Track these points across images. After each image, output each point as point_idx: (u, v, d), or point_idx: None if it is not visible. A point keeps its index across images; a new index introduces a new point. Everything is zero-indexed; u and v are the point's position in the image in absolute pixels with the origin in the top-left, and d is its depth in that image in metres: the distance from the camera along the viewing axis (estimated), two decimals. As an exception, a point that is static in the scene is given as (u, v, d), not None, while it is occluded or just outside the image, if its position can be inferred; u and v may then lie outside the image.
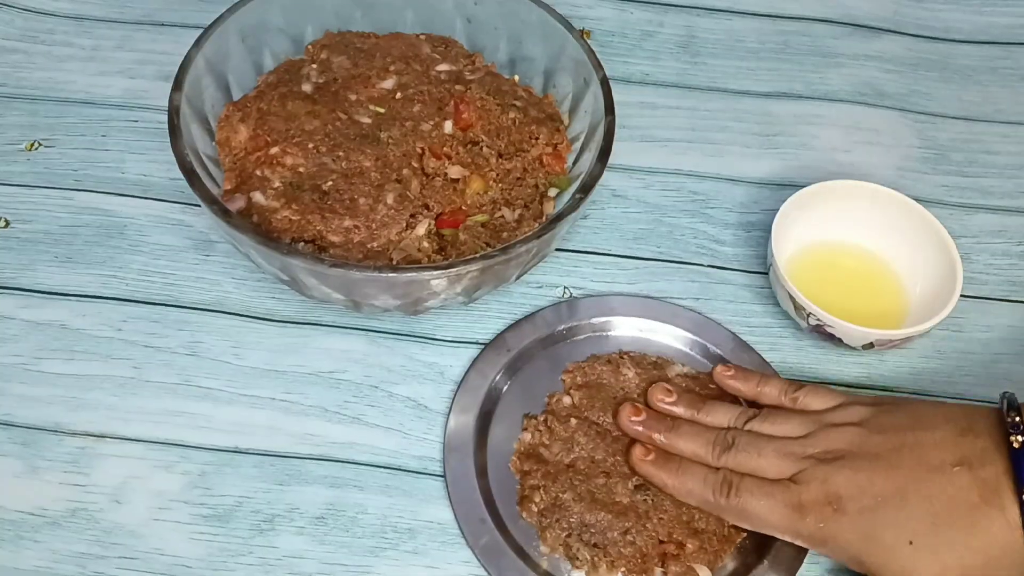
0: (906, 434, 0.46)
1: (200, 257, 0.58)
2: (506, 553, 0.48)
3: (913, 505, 0.44)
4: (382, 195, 0.54)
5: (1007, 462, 0.43)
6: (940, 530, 0.43)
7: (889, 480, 0.45)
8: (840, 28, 0.74)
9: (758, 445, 0.48)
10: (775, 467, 0.47)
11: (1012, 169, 0.67)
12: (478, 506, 0.49)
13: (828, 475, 0.46)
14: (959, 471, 0.44)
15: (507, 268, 0.51)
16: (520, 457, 0.51)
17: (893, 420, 0.47)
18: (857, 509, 0.44)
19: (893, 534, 0.44)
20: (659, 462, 0.49)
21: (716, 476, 0.48)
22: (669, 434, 0.50)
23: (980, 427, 0.45)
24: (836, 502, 0.45)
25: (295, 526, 0.49)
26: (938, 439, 0.45)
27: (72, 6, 0.71)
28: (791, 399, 0.51)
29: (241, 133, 0.56)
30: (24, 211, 0.60)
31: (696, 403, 0.51)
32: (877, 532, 0.44)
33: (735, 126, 0.68)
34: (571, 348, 0.56)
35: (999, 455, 0.44)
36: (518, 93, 0.61)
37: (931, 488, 0.44)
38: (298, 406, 0.53)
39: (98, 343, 0.54)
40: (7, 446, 0.51)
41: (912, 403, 0.50)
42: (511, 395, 0.54)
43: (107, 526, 0.48)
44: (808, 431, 0.48)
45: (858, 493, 0.45)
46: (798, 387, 0.51)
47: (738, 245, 0.62)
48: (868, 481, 0.45)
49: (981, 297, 0.60)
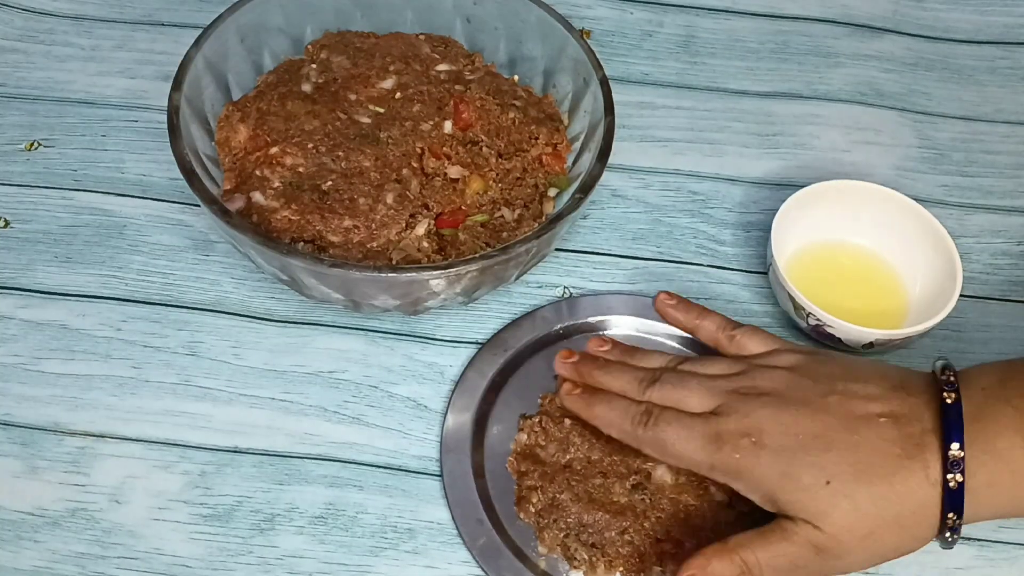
0: (836, 383, 0.46)
1: (199, 257, 0.58)
2: (504, 554, 0.48)
3: (836, 450, 0.43)
4: (382, 195, 0.54)
5: (935, 420, 0.43)
6: (860, 477, 0.42)
7: (814, 423, 0.44)
8: (840, 28, 0.74)
9: (683, 379, 0.48)
10: (698, 400, 0.47)
11: (1012, 169, 0.67)
12: (475, 507, 0.49)
13: (751, 409, 0.45)
14: (886, 423, 0.44)
15: (507, 268, 0.51)
16: (517, 458, 0.51)
17: (826, 369, 0.47)
18: (777, 445, 0.44)
19: (812, 474, 0.43)
20: (585, 395, 0.49)
21: (638, 407, 0.47)
22: (598, 371, 0.50)
23: (913, 385, 0.45)
24: (756, 435, 0.44)
25: (295, 526, 0.49)
26: (869, 392, 0.45)
27: (72, 6, 0.71)
28: (728, 336, 0.51)
29: (241, 133, 0.56)
30: (24, 211, 0.60)
31: (630, 351, 0.51)
32: (795, 470, 0.43)
33: (735, 126, 0.68)
34: (571, 346, 0.55)
35: (928, 413, 0.44)
36: (518, 93, 0.61)
37: (856, 436, 0.43)
38: (298, 406, 0.53)
39: (98, 343, 0.54)
40: (7, 446, 0.51)
41: (848, 356, 0.50)
42: (508, 395, 0.53)
43: (107, 526, 0.48)
44: (738, 371, 0.48)
45: (780, 430, 0.44)
46: (736, 325, 0.51)
47: (738, 245, 0.62)
48: (792, 420, 0.44)
49: (981, 297, 0.60)
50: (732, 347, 0.51)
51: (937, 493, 0.42)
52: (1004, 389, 0.44)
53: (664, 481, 0.50)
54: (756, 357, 0.49)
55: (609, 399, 0.49)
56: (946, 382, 0.44)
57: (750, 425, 0.45)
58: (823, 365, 0.47)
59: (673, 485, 0.50)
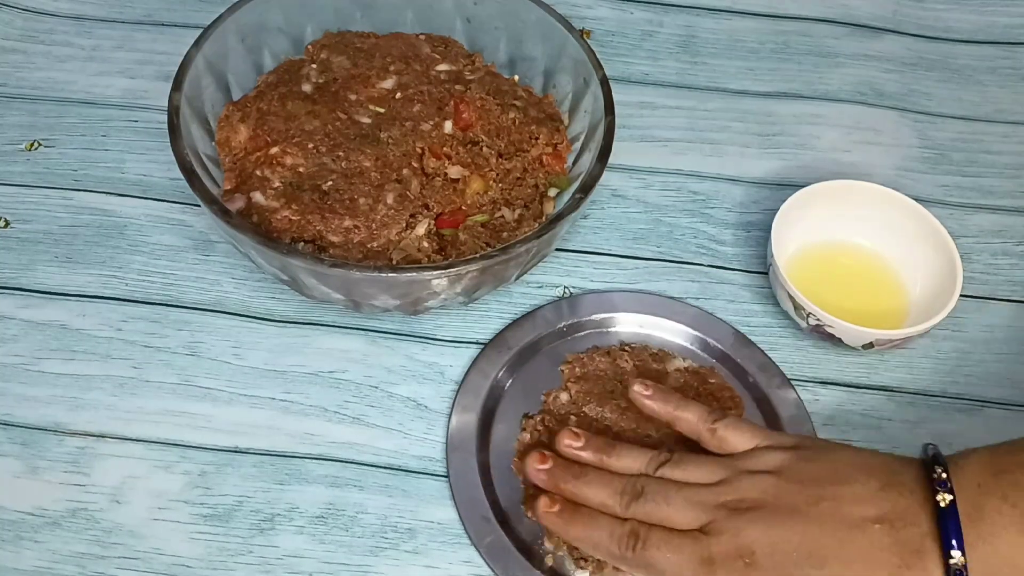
0: (825, 487, 0.43)
1: (200, 257, 0.58)
2: (511, 551, 0.48)
3: (830, 566, 0.41)
4: (382, 195, 0.54)
5: (931, 523, 0.41)
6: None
7: (806, 537, 0.42)
8: (840, 28, 0.74)
9: (667, 493, 0.45)
10: (685, 517, 0.44)
11: (1012, 169, 0.67)
12: (482, 505, 0.49)
13: (741, 527, 0.43)
14: (880, 529, 0.41)
15: (507, 268, 0.51)
16: (521, 458, 0.51)
17: (812, 470, 0.45)
18: (771, 565, 0.42)
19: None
20: (565, 514, 0.46)
21: (623, 528, 0.44)
22: (576, 483, 0.46)
23: (903, 481, 0.43)
24: (749, 556, 0.42)
25: (295, 526, 0.49)
26: (858, 493, 0.43)
27: (72, 6, 0.71)
28: (709, 430, 0.48)
29: (241, 133, 0.56)
30: (24, 211, 0.60)
31: (605, 448, 0.48)
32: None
33: (735, 126, 0.68)
34: (572, 345, 0.56)
35: (923, 514, 0.41)
36: (518, 93, 0.61)
37: (850, 549, 0.41)
38: (298, 406, 0.53)
39: (98, 343, 0.54)
40: (7, 446, 0.51)
41: (834, 450, 0.47)
42: (512, 394, 0.54)
43: (107, 526, 0.48)
44: (721, 477, 0.45)
45: (772, 549, 0.42)
46: (717, 418, 0.48)
47: (738, 245, 0.62)
48: (783, 537, 0.42)
49: (981, 297, 0.60)
50: (714, 442, 0.48)
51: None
52: (999, 484, 0.41)
53: None
54: (740, 458, 0.46)
55: (591, 519, 0.46)
56: (939, 480, 0.42)
57: (741, 545, 0.43)
58: (808, 463, 0.45)
59: None
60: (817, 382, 0.56)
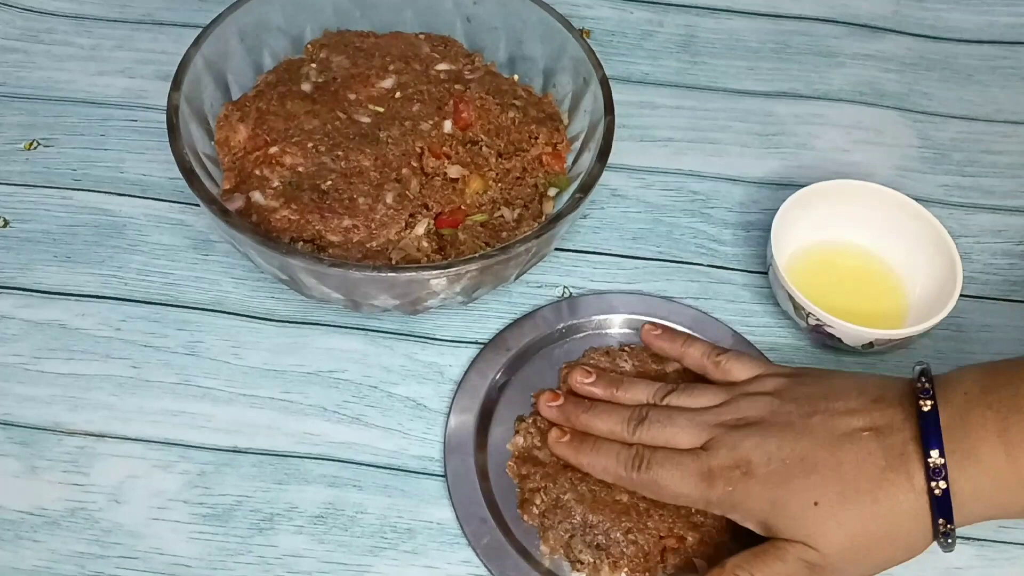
0: (818, 402, 0.46)
1: (199, 257, 0.58)
2: (508, 553, 0.48)
3: (820, 471, 0.44)
4: (381, 195, 0.54)
5: (915, 429, 0.43)
6: (847, 495, 0.43)
7: (798, 446, 0.45)
8: (840, 28, 0.74)
9: (671, 417, 0.48)
10: (687, 437, 0.47)
11: (1012, 169, 0.67)
12: (479, 506, 0.49)
13: (737, 441, 0.46)
14: (868, 437, 0.44)
15: (506, 268, 0.51)
16: (516, 462, 0.51)
17: (806, 389, 0.47)
18: (765, 473, 0.44)
19: (799, 499, 0.44)
20: (574, 443, 0.50)
21: (629, 451, 0.48)
22: (586, 415, 0.50)
23: (892, 396, 0.46)
24: (745, 466, 0.45)
25: (294, 525, 0.49)
26: (850, 407, 0.46)
27: (72, 6, 0.71)
28: (713, 362, 0.51)
29: (240, 133, 0.56)
30: (23, 211, 0.60)
31: (614, 382, 0.51)
32: (784, 496, 0.44)
33: (735, 126, 0.68)
34: (571, 346, 0.56)
35: (908, 422, 0.44)
36: (518, 93, 0.61)
37: (839, 454, 0.44)
38: (297, 406, 0.53)
39: (97, 343, 0.54)
40: (7, 446, 0.51)
41: (828, 373, 0.50)
42: (510, 395, 0.53)
43: (106, 526, 0.48)
44: (722, 400, 0.48)
45: (766, 458, 0.45)
46: (721, 351, 0.52)
47: (738, 245, 0.62)
48: (777, 447, 0.45)
49: (981, 297, 0.60)
50: (718, 373, 0.51)
51: (924, 501, 0.42)
52: (986, 395, 0.44)
53: None
54: (741, 384, 0.50)
55: (598, 445, 0.49)
56: (921, 389, 0.44)
57: (738, 457, 0.45)
58: (804, 386, 0.48)
59: None
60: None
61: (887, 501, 0.43)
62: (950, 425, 0.43)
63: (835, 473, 0.44)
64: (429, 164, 0.56)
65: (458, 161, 0.56)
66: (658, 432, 0.48)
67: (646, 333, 0.55)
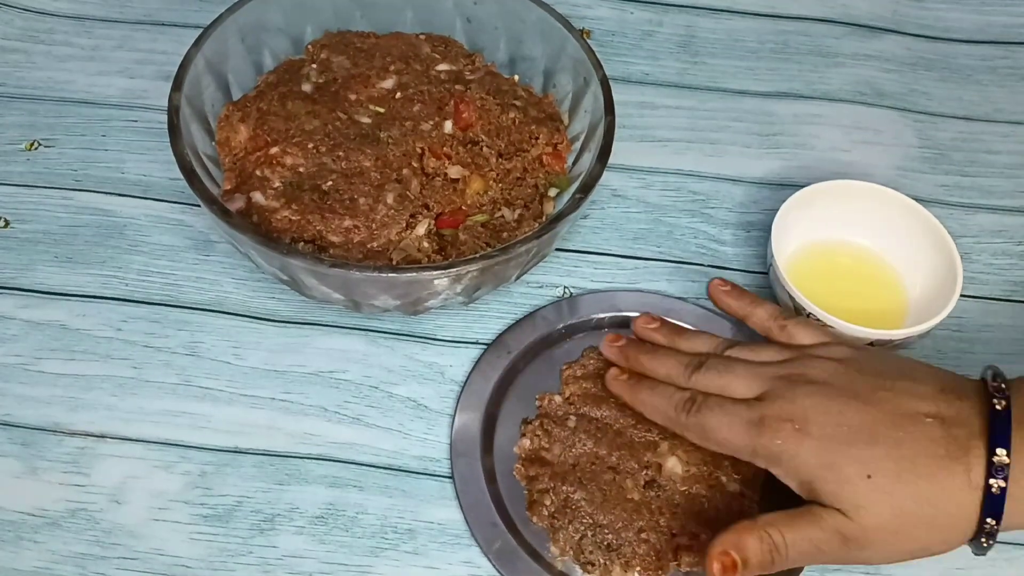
0: (887, 379, 0.45)
1: (200, 257, 0.58)
2: (520, 556, 0.48)
3: (880, 444, 0.43)
4: (382, 195, 0.54)
5: (983, 426, 0.43)
6: (902, 474, 0.42)
7: (861, 415, 0.44)
8: (840, 28, 0.74)
9: (729, 366, 0.48)
10: (743, 386, 0.46)
11: (1012, 169, 0.67)
12: (489, 510, 0.49)
13: (797, 396, 0.45)
14: (932, 423, 0.43)
15: (507, 268, 0.51)
16: (523, 464, 0.51)
17: (877, 364, 0.47)
18: (822, 434, 0.43)
19: (854, 467, 0.43)
20: (631, 381, 0.50)
21: (682, 394, 0.47)
22: (645, 356, 0.50)
23: (963, 389, 0.45)
24: (800, 422, 0.44)
25: (295, 526, 0.49)
26: (919, 391, 0.45)
27: (72, 6, 0.71)
28: (779, 325, 0.50)
29: (241, 133, 0.56)
30: (24, 211, 0.60)
31: (678, 331, 0.52)
32: (838, 461, 0.43)
33: (735, 126, 0.68)
34: (572, 345, 0.56)
35: (976, 418, 0.43)
36: (518, 93, 0.61)
37: (901, 433, 0.43)
38: (298, 406, 0.53)
39: (98, 343, 0.54)
40: (7, 446, 0.51)
41: (897, 356, 0.49)
42: (514, 396, 0.53)
43: (107, 526, 0.48)
44: (786, 358, 0.48)
45: (825, 420, 0.44)
46: (789, 316, 0.51)
47: (738, 245, 0.62)
48: (838, 411, 0.44)
49: (981, 297, 0.60)
50: (783, 336, 0.50)
51: (977, 497, 0.42)
52: None
53: (675, 472, 0.50)
54: (807, 348, 0.49)
55: (653, 385, 0.49)
56: (997, 388, 0.43)
57: (794, 411, 0.44)
58: (875, 360, 0.47)
59: (684, 476, 0.50)
60: (817, 382, 0.56)
61: (941, 488, 0.42)
62: (1018, 425, 0.42)
63: (895, 450, 0.43)
64: (430, 164, 0.56)
65: (459, 161, 0.56)
66: (714, 378, 0.47)
67: (714, 288, 0.54)
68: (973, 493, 0.42)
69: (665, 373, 0.49)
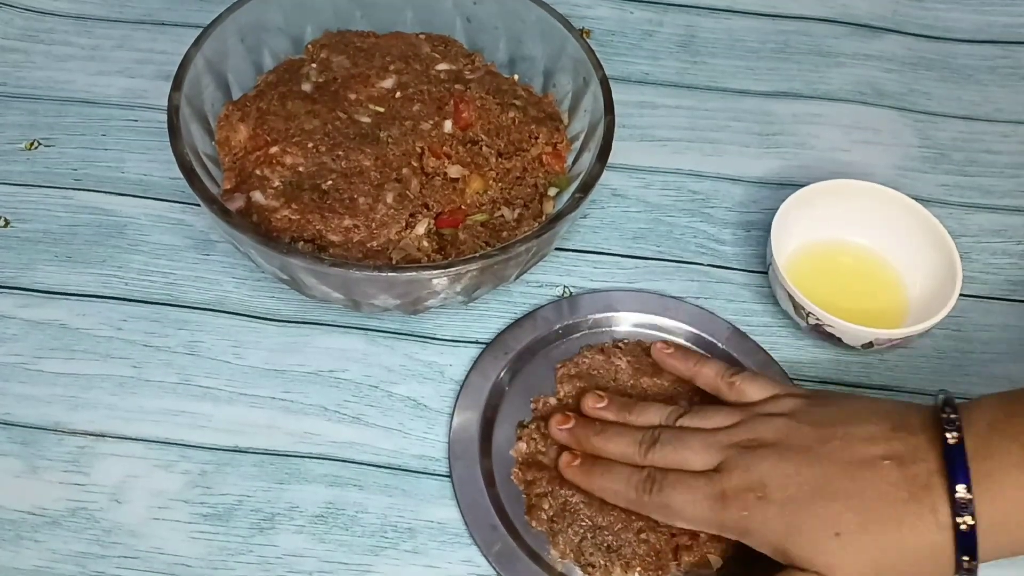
0: (836, 427, 0.45)
1: (200, 256, 0.58)
2: (520, 559, 0.48)
3: (841, 499, 0.42)
4: (382, 194, 0.54)
5: (939, 460, 0.42)
6: (868, 526, 0.42)
7: (817, 471, 0.43)
8: (840, 28, 0.74)
9: (683, 438, 0.47)
10: (700, 458, 0.46)
11: (1012, 168, 0.67)
12: (488, 512, 0.49)
13: (752, 463, 0.44)
14: (888, 466, 0.43)
15: (507, 267, 0.51)
16: (521, 468, 0.51)
17: (824, 413, 0.46)
18: (782, 498, 0.43)
19: (819, 527, 0.42)
20: (585, 466, 0.49)
21: (640, 474, 0.47)
22: (597, 438, 0.49)
23: (913, 424, 0.44)
24: (760, 490, 0.44)
25: (295, 525, 0.49)
26: (870, 433, 0.44)
27: (72, 6, 0.71)
28: (727, 383, 0.50)
29: (241, 132, 0.56)
30: (24, 211, 0.60)
31: (627, 406, 0.50)
32: (803, 523, 0.42)
33: (735, 126, 0.68)
34: (570, 345, 0.56)
35: (932, 452, 0.42)
36: (518, 92, 0.61)
37: (860, 483, 0.43)
38: (298, 405, 0.53)
39: (98, 343, 0.54)
40: (7, 446, 0.51)
41: (846, 397, 0.49)
42: (513, 397, 0.53)
43: (107, 525, 0.48)
44: (736, 421, 0.47)
45: (784, 482, 0.43)
46: (735, 372, 0.50)
47: (738, 244, 0.62)
48: (795, 471, 0.44)
49: (981, 297, 0.60)
50: (732, 394, 0.50)
51: (948, 537, 0.41)
52: (1010, 424, 0.42)
53: None
54: (756, 405, 0.48)
55: (609, 468, 0.48)
56: (947, 420, 0.43)
57: (753, 480, 0.44)
58: (821, 408, 0.47)
59: None
60: (817, 381, 0.56)
61: (910, 535, 0.41)
62: (975, 457, 0.41)
63: (857, 501, 0.42)
64: (429, 164, 0.56)
65: (458, 161, 0.56)
66: (670, 453, 0.47)
67: (658, 351, 0.54)
68: (943, 533, 0.41)
69: (619, 452, 0.48)
